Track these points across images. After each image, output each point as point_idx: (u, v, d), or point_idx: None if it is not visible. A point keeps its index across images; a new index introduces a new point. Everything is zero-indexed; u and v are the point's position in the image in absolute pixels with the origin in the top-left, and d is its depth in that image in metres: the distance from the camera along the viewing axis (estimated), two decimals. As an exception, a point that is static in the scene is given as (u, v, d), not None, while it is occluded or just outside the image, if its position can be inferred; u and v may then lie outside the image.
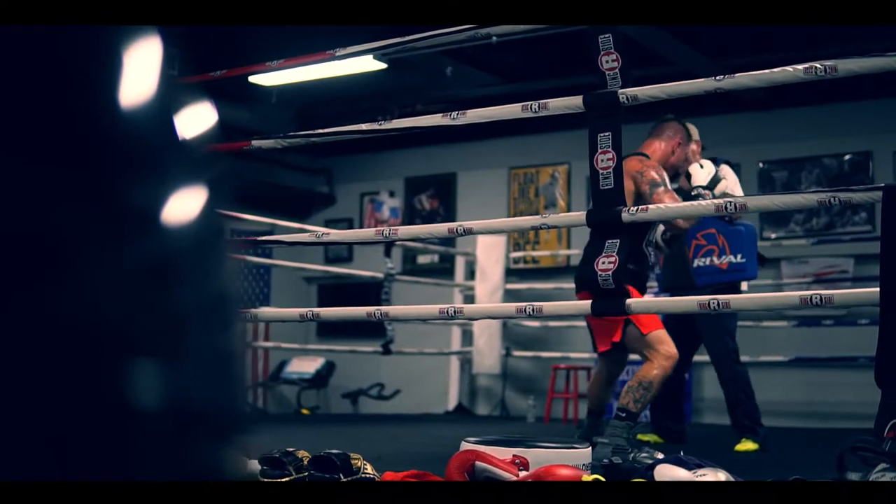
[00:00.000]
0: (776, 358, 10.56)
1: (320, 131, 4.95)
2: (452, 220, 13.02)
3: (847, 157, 11.20)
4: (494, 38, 9.81)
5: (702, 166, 6.18)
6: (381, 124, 4.83)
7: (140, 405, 0.67)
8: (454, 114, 4.53)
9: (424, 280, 12.35)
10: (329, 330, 14.00)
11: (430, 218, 13.67)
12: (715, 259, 7.05)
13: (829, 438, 7.56)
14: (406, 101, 12.30)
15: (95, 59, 0.70)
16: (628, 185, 5.57)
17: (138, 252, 0.68)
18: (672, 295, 7.17)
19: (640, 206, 4.05)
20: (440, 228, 4.46)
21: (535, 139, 12.76)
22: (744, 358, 10.46)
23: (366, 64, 10.21)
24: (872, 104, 10.80)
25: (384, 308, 4.54)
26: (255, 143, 5.02)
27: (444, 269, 13.28)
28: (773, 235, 11.30)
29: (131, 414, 0.67)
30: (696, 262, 7.12)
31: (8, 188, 0.65)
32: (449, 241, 12.86)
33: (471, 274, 12.52)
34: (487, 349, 12.10)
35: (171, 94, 0.74)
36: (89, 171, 0.67)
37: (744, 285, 7.28)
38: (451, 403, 12.66)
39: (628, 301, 4.02)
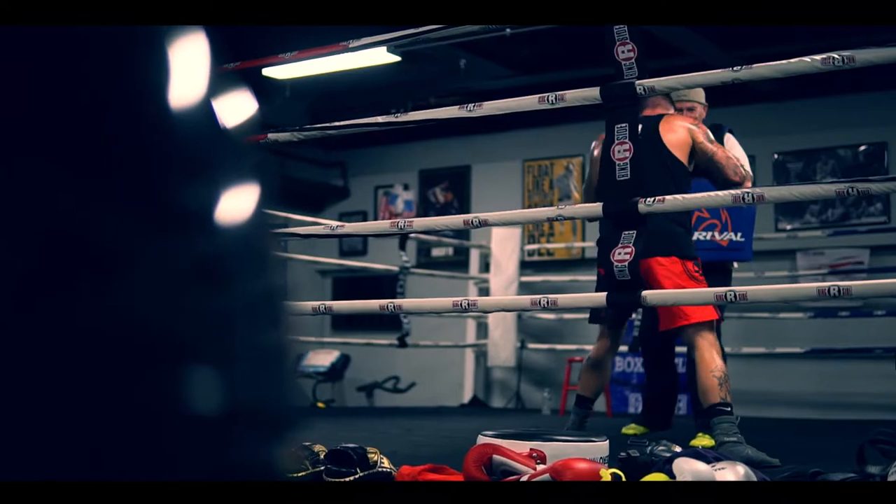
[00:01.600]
0: (792, 349, 10.54)
1: (336, 124, 4.94)
2: (467, 212, 12.99)
3: (862, 147, 11.17)
4: (508, 30, 9.83)
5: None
6: (397, 116, 4.82)
7: (189, 408, 0.66)
8: (471, 106, 4.52)
9: (439, 273, 12.35)
10: (344, 323, 14.02)
11: (444, 211, 13.66)
12: (717, 234, 6.67)
13: (846, 430, 7.53)
14: (420, 94, 12.29)
15: (142, 56, 0.70)
16: (685, 138, 5.65)
17: (188, 253, 0.68)
18: None
19: (658, 198, 4.04)
20: (455, 220, 4.45)
21: (550, 131, 12.74)
22: (759, 349, 10.52)
23: (379, 57, 10.18)
24: (888, 95, 10.75)
25: (397, 301, 4.54)
26: (272, 136, 5.02)
27: (458, 262, 13.27)
28: (789, 227, 11.27)
29: (179, 416, 0.66)
30: (697, 236, 6.56)
31: (54, 190, 0.64)
32: (463, 233, 12.86)
33: (485, 267, 12.51)
34: (502, 342, 12.09)
35: (218, 88, 0.74)
36: (138, 172, 0.67)
37: (735, 264, 6.97)
38: (467, 396, 12.66)
39: (644, 293, 4.01)
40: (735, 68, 3.95)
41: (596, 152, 5.93)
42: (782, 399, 10.95)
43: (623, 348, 11.24)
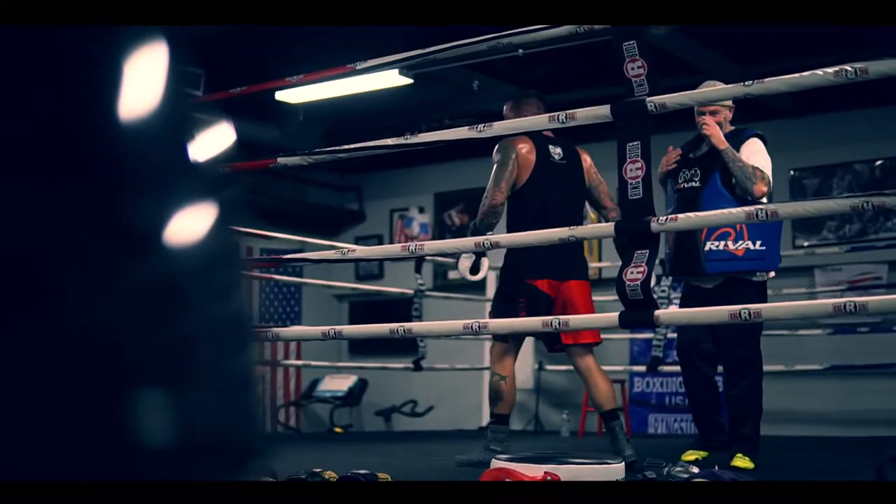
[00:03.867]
0: (812, 367, 10.45)
1: (346, 147, 4.91)
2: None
3: (879, 162, 11.10)
4: (521, 51, 9.80)
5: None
6: (406, 139, 4.79)
7: (140, 436, 0.63)
8: (481, 126, 4.48)
9: (455, 296, 12.31)
10: (361, 347, 13.98)
11: (460, 233, 13.60)
12: (730, 244, 6.07)
13: (866, 447, 7.47)
14: (433, 117, 12.27)
15: (97, 66, 0.66)
16: (590, 164, 6.68)
17: (141, 273, 0.64)
18: (677, 280, 6.48)
19: (670, 216, 3.98)
20: (467, 242, 4.41)
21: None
22: (778, 367, 10.43)
23: (392, 79, 10.20)
24: (903, 111, 10.71)
25: (408, 325, 4.49)
26: (281, 160, 4.98)
27: (475, 284, 13.19)
28: (806, 243, 11.20)
29: (129, 445, 0.63)
30: (709, 245, 6.11)
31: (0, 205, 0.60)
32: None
33: (502, 289, 12.45)
34: (520, 363, 11.99)
35: (180, 107, 0.70)
36: (88, 188, 0.63)
37: (770, 274, 6.36)
38: (485, 419, 12.58)
39: (657, 312, 3.95)
40: (746, 83, 3.90)
41: (531, 156, 6.43)
42: (802, 417, 10.88)
43: (641, 368, 11.27)
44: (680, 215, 4.10)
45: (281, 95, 11.13)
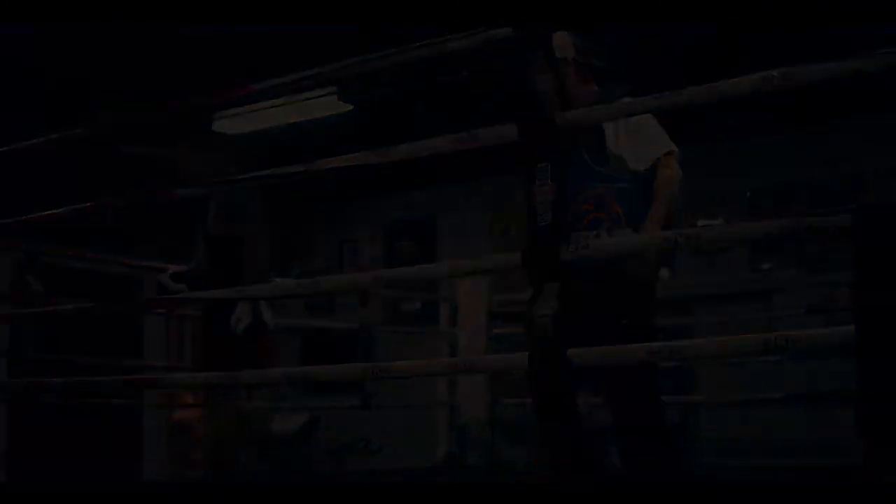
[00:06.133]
0: (771, 394, 10.15)
1: (248, 175, 4.63)
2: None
3: (838, 180, 10.92)
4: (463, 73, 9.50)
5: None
6: (312, 165, 4.50)
7: None
8: (385, 149, 4.16)
9: (408, 328, 12.13)
10: (310, 385, 13.72)
11: (410, 264, 13.43)
12: (605, 235, 4.32)
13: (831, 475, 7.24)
14: (375, 145, 12.01)
15: None
16: None
17: None
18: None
19: (582, 244, 3.61)
20: (365, 278, 4.07)
21: (516, 179, 12.45)
22: (738, 396, 10.14)
23: (331, 107, 10.02)
24: (861, 125, 10.50)
25: (304, 368, 4.14)
26: (181, 192, 4.67)
27: (428, 315, 12.95)
28: (766, 267, 10.96)
29: None
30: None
31: None
32: (432, 286, 12.63)
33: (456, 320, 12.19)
34: (474, 397, 11.74)
35: None
36: None
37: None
38: (441, 454, 12.34)
39: (569, 351, 3.57)
40: (664, 93, 3.54)
41: None
42: (762, 445, 10.63)
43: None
44: (594, 242, 3.73)
45: (218, 126, 10.84)
